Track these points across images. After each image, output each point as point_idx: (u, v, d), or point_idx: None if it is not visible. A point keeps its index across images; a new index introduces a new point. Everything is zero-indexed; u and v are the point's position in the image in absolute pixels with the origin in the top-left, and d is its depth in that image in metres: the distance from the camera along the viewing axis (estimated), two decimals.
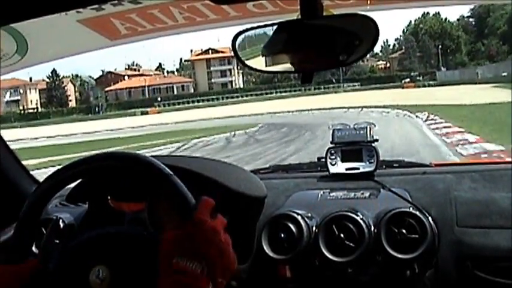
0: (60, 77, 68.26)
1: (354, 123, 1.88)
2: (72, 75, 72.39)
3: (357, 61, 1.09)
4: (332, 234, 1.54)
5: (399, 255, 1.49)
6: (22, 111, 60.87)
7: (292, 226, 1.57)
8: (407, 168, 1.89)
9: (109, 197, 1.40)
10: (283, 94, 58.20)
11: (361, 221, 1.54)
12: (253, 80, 69.10)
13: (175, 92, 65.52)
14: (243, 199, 1.53)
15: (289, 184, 1.82)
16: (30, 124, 50.13)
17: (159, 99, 61.53)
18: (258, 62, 1.13)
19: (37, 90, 67.23)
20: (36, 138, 29.64)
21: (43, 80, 67.95)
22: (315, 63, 1.09)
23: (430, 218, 1.54)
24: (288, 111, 32.05)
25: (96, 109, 63.05)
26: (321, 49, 1.08)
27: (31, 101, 65.14)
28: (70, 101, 69.21)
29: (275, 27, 1.09)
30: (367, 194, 1.69)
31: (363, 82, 61.44)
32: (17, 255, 1.06)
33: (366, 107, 28.76)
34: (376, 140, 1.82)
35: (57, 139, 27.95)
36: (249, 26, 1.14)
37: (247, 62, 1.15)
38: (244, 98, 59.19)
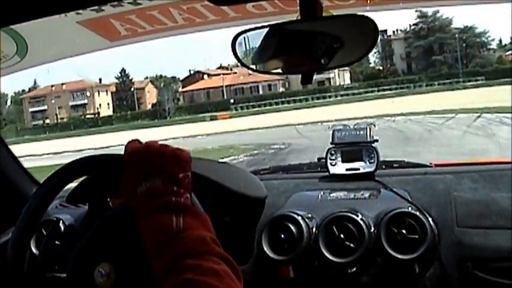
0: (131, 78, 60.30)
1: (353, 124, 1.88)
2: (156, 75, 63.13)
3: (356, 62, 1.09)
4: (332, 234, 1.54)
5: (399, 256, 1.49)
6: (83, 117, 54.17)
7: (292, 227, 1.57)
8: (407, 168, 1.89)
9: (109, 198, 1.40)
10: (386, 93, 46.38)
11: (361, 222, 1.54)
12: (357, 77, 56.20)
13: (260, 92, 54.56)
14: (243, 200, 1.53)
15: (289, 185, 1.81)
16: (88, 132, 43.55)
17: (231, 101, 52.38)
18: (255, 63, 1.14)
19: (108, 93, 59.72)
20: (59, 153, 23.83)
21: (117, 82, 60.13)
22: (310, 64, 1.10)
23: (430, 219, 1.54)
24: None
25: (165, 113, 54.60)
26: (315, 50, 1.08)
27: (100, 105, 58.07)
28: (141, 104, 60.79)
29: (270, 28, 1.09)
30: (367, 195, 1.69)
31: (488, 76, 48.69)
32: (15, 258, 1.06)
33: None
34: (376, 141, 1.82)
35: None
36: (248, 26, 1.14)
37: (246, 63, 1.15)
38: (338, 98, 47.39)
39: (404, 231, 1.50)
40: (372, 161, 1.78)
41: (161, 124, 44.67)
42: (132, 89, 59.20)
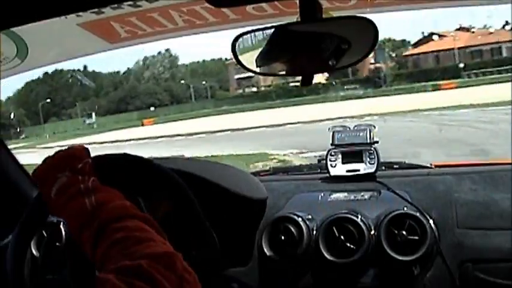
0: None
1: (354, 124, 1.88)
2: (384, 39, 47.61)
3: (355, 64, 1.09)
4: (332, 236, 1.54)
5: (399, 257, 1.49)
6: (286, 85, 43.83)
7: (292, 228, 1.58)
8: (407, 169, 1.89)
9: None
10: None
11: (361, 223, 1.54)
12: None
13: (504, 55, 38.66)
14: (244, 201, 1.53)
15: (289, 186, 1.82)
16: (290, 103, 35.82)
17: (461, 66, 37.44)
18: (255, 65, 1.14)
19: None
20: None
21: None
22: (311, 66, 1.10)
23: (430, 220, 1.54)
24: None
25: (380, 82, 43.35)
26: (316, 52, 1.08)
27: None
28: (357, 70, 46.95)
29: (272, 30, 1.10)
30: (367, 196, 1.69)
31: None
32: (16, 260, 1.06)
33: None
34: (377, 142, 1.82)
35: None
36: (248, 28, 1.14)
37: (246, 65, 1.15)
38: None
39: (404, 232, 1.50)
40: (372, 162, 1.78)
41: (375, 94, 35.24)
42: None
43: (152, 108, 44.91)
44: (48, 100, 48.53)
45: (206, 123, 27.66)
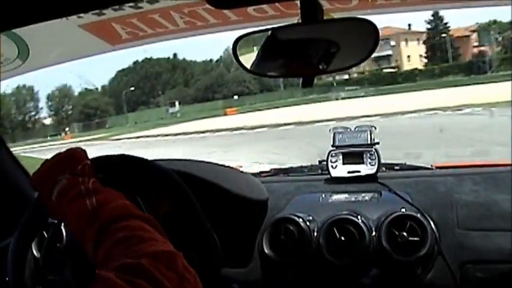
0: (445, 23, 44.88)
1: (354, 126, 1.88)
2: (489, 21, 42.49)
3: (356, 66, 1.09)
4: (333, 237, 1.54)
5: (400, 258, 1.49)
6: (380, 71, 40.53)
7: (293, 229, 1.58)
8: (408, 170, 1.89)
9: None
10: None
11: (362, 224, 1.54)
12: None
13: None
14: (244, 202, 1.53)
15: (290, 187, 1.82)
16: (384, 91, 32.03)
17: None
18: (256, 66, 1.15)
19: (420, 42, 45.97)
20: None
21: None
22: (311, 67, 1.10)
23: (431, 221, 1.54)
24: None
25: (484, 67, 38.11)
26: (315, 54, 1.08)
27: (408, 57, 45.22)
28: (459, 55, 44.21)
29: (272, 32, 1.10)
30: (368, 197, 1.69)
31: None
32: (17, 261, 1.06)
33: None
34: (377, 143, 1.82)
35: None
36: (249, 30, 1.15)
37: (247, 66, 1.15)
38: None
39: (405, 233, 1.50)
40: (373, 163, 1.78)
41: (475, 81, 30.94)
42: (446, 37, 44.68)
43: (236, 97, 43.62)
44: (132, 88, 47.89)
45: (290, 113, 26.25)
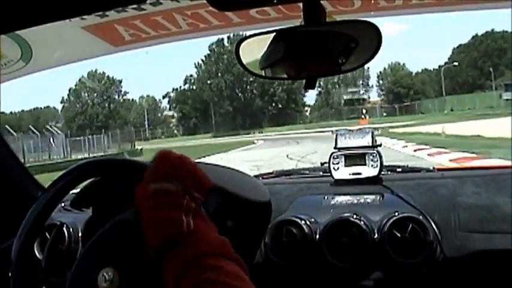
0: None
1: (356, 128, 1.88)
2: None
3: (359, 68, 1.09)
4: (335, 239, 1.54)
5: (402, 260, 1.48)
6: None
7: (295, 231, 1.57)
8: (410, 173, 1.89)
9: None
10: None
11: (364, 226, 1.54)
12: None
13: None
14: (246, 204, 1.53)
15: (292, 189, 1.82)
16: None
17: None
18: (259, 69, 1.15)
19: None
20: None
21: None
22: (315, 69, 1.10)
23: (433, 223, 1.54)
24: None
25: None
26: (320, 56, 1.08)
27: None
28: None
29: (275, 34, 1.10)
30: (370, 199, 1.69)
31: None
32: (19, 262, 1.06)
33: None
34: (380, 145, 1.82)
35: None
36: (252, 32, 1.15)
37: (250, 69, 1.15)
38: None
39: (407, 235, 1.50)
40: (375, 165, 1.78)
41: None
42: None
43: None
44: (456, 64, 38.66)
45: None
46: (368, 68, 55.82)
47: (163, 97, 69.57)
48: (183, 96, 64.59)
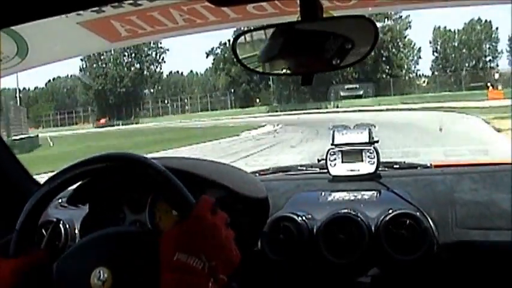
0: None
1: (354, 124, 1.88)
2: None
3: (357, 63, 1.09)
4: (332, 235, 1.54)
5: (399, 257, 1.49)
6: None
7: (292, 228, 1.57)
8: (407, 169, 1.89)
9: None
10: None
11: (361, 222, 1.54)
12: None
13: None
14: (243, 200, 1.53)
15: (289, 185, 1.81)
16: None
17: None
18: (256, 64, 1.14)
19: None
20: None
21: None
22: (312, 65, 1.10)
23: (430, 219, 1.54)
24: None
25: None
26: (316, 52, 1.08)
27: None
28: None
29: (273, 29, 1.09)
30: (367, 195, 1.69)
31: None
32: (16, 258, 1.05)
33: None
34: (377, 141, 1.82)
35: None
36: (248, 27, 1.14)
37: (247, 64, 1.15)
38: None
39: (404, 232, 1.50)
40: (372, 161, 1.78)
41: None
42: None
43: None
44: None
45: None
46: (497, 28, 45.15)
47: (207, 55, 52.64)
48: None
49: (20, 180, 1.79)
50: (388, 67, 45.81)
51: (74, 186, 1.34)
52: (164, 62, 53.73)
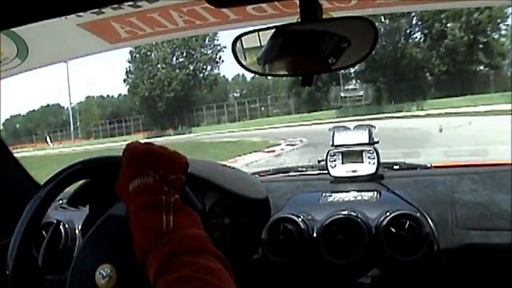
0: None
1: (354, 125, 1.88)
2: None
3: (357, 64, 1.09)
4: (332, 236, 1.54)
5: (399, 257, 1.49)
6: None
7: (292, 229, 1.57)
8: (407, 170, 1.89)
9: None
10: None
11: (361, 223, 1.54)
12: None
13: None
14: (243, 201, 1.53)
15: (289, 187, 1.81)
16: None
17: None
18: (256, 66, 1.14)
19: None
20: None
21: None
22: (312, 66, 1.10)
23: (430, 220, 1.54)
24: None
25: None
26: (316, 53, 1.08)
27: None
28: None
29: (273, 31, 1.09)
30: (367, 196, 1.69)
31: None
32: (16, 260, 1.05)
33: None
34: (377, 142, 1.82)
35: None
36: (248, 29, 1.14)
37: (246, 65, 1.15)
38: None
39: (404, 232, 1.50)
40: (372, 162, 1.78)
41: None
42: None
43: None
44: None
45: None
46: None
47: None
48: None
49: (20, 181, 1.79)
50: (485, 56, 33.83)
51: (74, 187, 1.34)
52: (222, 61, 43.67)
